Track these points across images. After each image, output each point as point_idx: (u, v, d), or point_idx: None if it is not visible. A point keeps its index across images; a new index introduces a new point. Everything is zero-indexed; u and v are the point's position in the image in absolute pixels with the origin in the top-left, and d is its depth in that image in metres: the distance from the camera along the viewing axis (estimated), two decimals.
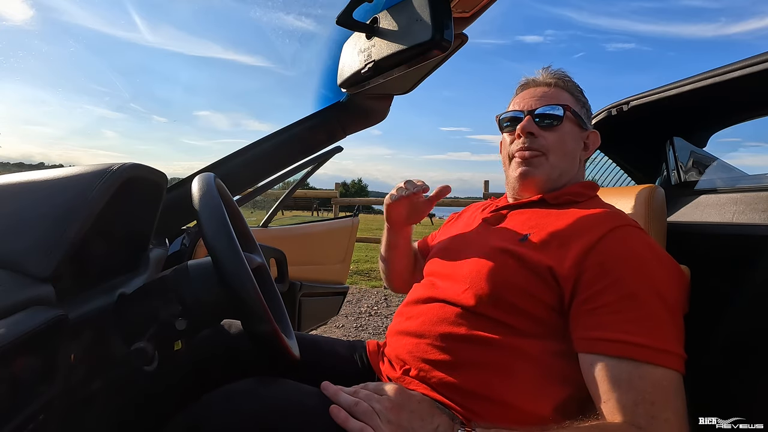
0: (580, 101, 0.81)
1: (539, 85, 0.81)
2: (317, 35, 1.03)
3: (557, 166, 0.77)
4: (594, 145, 0.82)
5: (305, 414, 0.58)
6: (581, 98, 0.81)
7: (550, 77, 0.82)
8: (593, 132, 0.82)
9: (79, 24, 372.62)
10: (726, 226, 0.86)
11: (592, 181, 0.83)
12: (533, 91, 0.81)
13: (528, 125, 0.77)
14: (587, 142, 0.82)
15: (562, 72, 0.83)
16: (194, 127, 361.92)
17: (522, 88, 0.84)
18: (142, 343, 0.54)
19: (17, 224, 0.51)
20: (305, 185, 3.61)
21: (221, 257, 0.53)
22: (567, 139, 0.77)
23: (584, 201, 0.75)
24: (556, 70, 0.83)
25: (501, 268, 0.66)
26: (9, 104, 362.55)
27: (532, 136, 0.77)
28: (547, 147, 0.77)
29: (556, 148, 0.77)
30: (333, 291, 1.76)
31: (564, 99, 0.79)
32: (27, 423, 0.42)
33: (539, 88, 0.81)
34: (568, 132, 0.77)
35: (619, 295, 0.57)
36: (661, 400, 0.51)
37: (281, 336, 0.58)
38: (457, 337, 0.66)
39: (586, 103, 0.82)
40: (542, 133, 0.77)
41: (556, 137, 0.77)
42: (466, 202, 5.93)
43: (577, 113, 0.78)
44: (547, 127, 0.77)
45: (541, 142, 0.77)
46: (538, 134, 0.77)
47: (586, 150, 0.82)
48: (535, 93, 0.80)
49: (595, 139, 0.82)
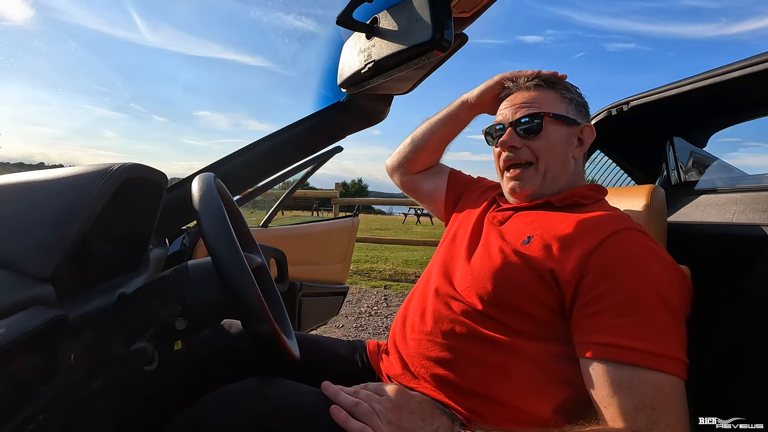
0: (566, 97, 0.77)
1: (520, 89, 0.79)
2: (317, 35, 1.03)
3: (549, 171, 0.75)
4: (589, 139, 0.79)
5: (305, 414, 0.58)
6: (567, 94, 0.78)
7: (531, 78, 0.79)
8: (586, 125, 0.78)
9: (79, 24, 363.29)
10: (726, 226, 0.86)
11: (599, 185, 0.82)
12: (513, 98, 0.79)
13: (509, 139, 0.76)
14: (581, 137, 0.78)
15: (546, 72, 0.79)
16: (194, 127, 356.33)
17: (505, 94, 0.82)
18: (142, 343, 0.54)
19: (17, 224, 0.51)
20: (305, 185, 3.62)
21: (221, 257, 0.53)
22: (554, 143, 0.75)
23: (590, 204, 0.74)
24: (540, 70, 0.80)
25: (503, 269, 0.66)
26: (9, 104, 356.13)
27: (515, 148, 0.76)
28: (535, 155, 0.75)
29: (544, 154, 0.75)
30: (333, 291, 1.76)
31: (546, 101, 0.76)
32: (27, 423, 0.42)
33: (519, 93, 0.79)
34: (553, 135, 0.75)
35: (621, 299, 0.56)
36: (662, 406, 0.51)
37: (281, 336, 0.58)
38: (458, 335, 0.66)
39: (575, 97, 0.79)
40: (525, 142, 0.75)
41: (541, 144, 0.75)
42: None
43: (560, 114, 0.75)
44: (530, 134, 0.75)
45: (526, 152, 0.75)
46: (521, 145, 0.75)
47: (581, 145, 0.78)
48: (515, 101, 0.78)
49: (590, 132, 0.79)
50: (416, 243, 5.84)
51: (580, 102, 0.80)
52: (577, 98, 0.79)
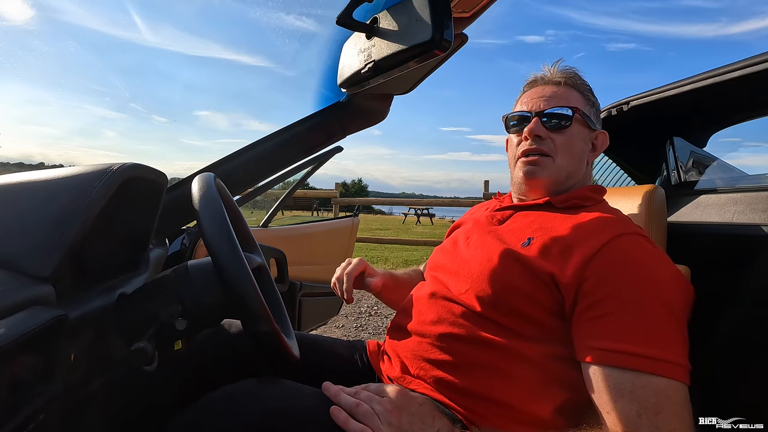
0: (590, 101, 0.78)
1: (548, 84, 0.79)
2: (317, 35, 1.03)
3: (564, 168, 0.75)
4: (603, 146, 0.80)
5: (305, 415, 0.58)
6: (591, 98, 0.79)
7: (560, 75, 0.79)
8: (602, 132, 0.79)
9: (79, 24, 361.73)
10: (726, 226, 0.86)
11: (599, 185, 0.82)
12: (541, 90, 0.78)
13: (536, 128, 0.75)
14: (595, 143, 0.79)
15: (573, 70, 0.79)
16: (194, 127, 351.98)
17: (530, 86, 0.82)
18: (142, 343, 0.54)
19: (17, 224, 0.51)
20: (305, 185, 3.61)
21: (221, 257, 0.53)
22: (575, 141, 0.75)
23: (591, 206, 0.73)
24: (566, 67, 0.80)
25: (503, 271, 0.65)
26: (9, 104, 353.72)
27: (540, 138, 0.75)
28: (555, 149, 0.75)
29: (564, 151, 0.75)
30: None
31: (573, 99, 0.76)
32: (27, 423, 0.42)
33: (548, 86, 0.78)
34: (576, 134, 0.75)
35: (622, 304, 0.56)
36: (665, 411, 0.50)
37: (281, 336, 0.58)
38: (457, 337, 0.66)
39: (596, 102, 0.80)
40: (550, 135, 0.75)
41: (564, 139, 0.75)
42: (466, 202, 5.93)
43: (586, 114, 0.76)
44: (555, 128, 0.75)
45: (549, 144, 0.75)
46: (546, 136, 0.75)
47: (594, 151, 0.79)
48: (543, 92, 0.77)
49: (604, 140, 0.80)
50: (416, 243, 5.84)
51: (599, 108, 0.80)
52: (597, 104, 0.80)
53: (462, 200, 6.52)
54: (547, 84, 0.79)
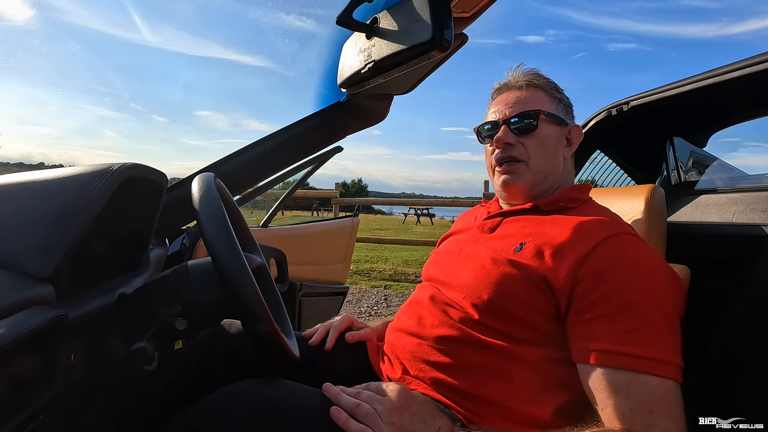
0: (556, 98, 0.79)
1: (511, 89, 0.80)
2: (317, 35, 1.03)
3: (540, 170, 0.76)
4: (577, 140, 0.80)
5: (305, 415, 0.58)
6: (556, 95, 0.79)
7: (522, 78, 0.79)
8: (574, 126, 0.80)
9: (79, 24, 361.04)
10: (726, 226, 0.86)
11: (584, 183, 0.82)
12: (506, 96, 0.79)
13: (504, 135, 0.76)
14: (570, 137, 0.80)
15: (534, 71, 0.80)
16: (194, 127, 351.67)
17: (496, 94, 0.83)
18: (142, 343, 0.54)
19: (17, 224, 0.51)
20: (305, 185, 3.62)
21: (221, 257, 0.53)
22: (546, 142, 0.76)
23: (578, 206, 0.74)
24: (527, 69, 0.81)
25: (497, 279, 0.66)
26: (9, 104, 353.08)
27: (510, 145, 0.76)
28: (527, 153, 0.76)
29: (536, 153, 0.76)
30: (333, 291, 1.76)
31: (538, 100, 0.77)
32: (27, 423, 0.42)
33: (512, 92, 0.79)
34: (546, 134, 0.76)
35: (616, 305, 0.57)
36: (659, 409, 0.52)
37: (281, 336, 0.58)
38: (456, 339, 0.66)
39: (563, 98, 0.80)
40: (520, 140, 0.76)
41: (534, 142, 0.76)
42: (466, 202, 5.93)
43: (552, 113, 0.77)
44: (524, 132, 0.76)
45: (520, 149, 0.76)
46: (516, 142, 0.76)
47: (570, 146, 0.80)
48: (507, 99, 0.79)
49: (578, 133, 0.80)
50: (416, 243, 5.84)
51: (567, 103, 0.81)
52: (565, 99, 0.81)
53: (462, 200, 6.52)
54: (511, 89, 0.80)
